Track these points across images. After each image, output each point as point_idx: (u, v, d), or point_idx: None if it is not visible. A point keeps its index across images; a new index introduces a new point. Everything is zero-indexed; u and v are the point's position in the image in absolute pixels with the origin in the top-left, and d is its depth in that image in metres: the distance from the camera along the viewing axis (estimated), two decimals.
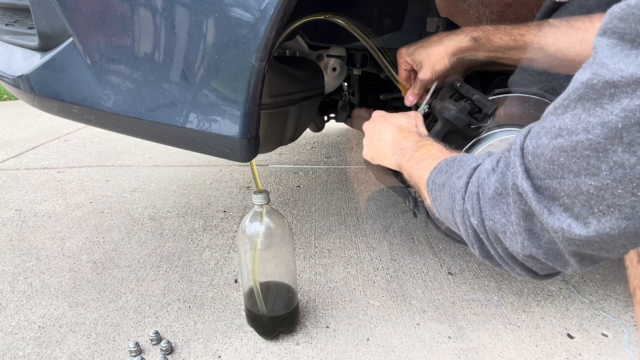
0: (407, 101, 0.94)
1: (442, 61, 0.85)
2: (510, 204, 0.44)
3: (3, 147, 2.70)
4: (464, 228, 0.52)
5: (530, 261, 0.46)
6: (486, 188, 0.48)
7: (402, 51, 0.91)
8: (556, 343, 1.02)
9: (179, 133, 0.82)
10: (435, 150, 0.70)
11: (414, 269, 1.32)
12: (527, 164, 0.42)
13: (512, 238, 0.45)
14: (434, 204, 0.61)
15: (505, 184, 0.45)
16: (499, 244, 0.47)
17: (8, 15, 1.04)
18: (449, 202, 0.55)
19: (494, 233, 0.47)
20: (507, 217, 0.45)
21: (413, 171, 0.70)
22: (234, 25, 0.71)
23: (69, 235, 1.56)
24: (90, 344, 1.04)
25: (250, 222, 0.97)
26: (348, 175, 2.12)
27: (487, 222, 0.47)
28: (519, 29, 0.80)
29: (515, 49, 0.81)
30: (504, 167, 0.46)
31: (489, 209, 0.47)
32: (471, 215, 0.50)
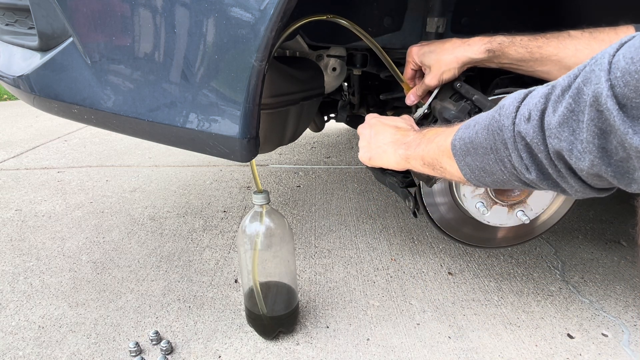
0: (408, 100, 0.93)
1: (452, 71, 0.84)
2: (584, 122, 0.42)
3: (3, 147, 2.70)
4: (516, 154, 0.51)
5: (593, 178, 0.45)
6: (552, 107, 0.46)
7: (413, 50, 0.90)
8: (556, 343, 1.02)
9: (179, 133, 0.82)
10: (444, 127, 0.69)
11: (414, 269, 1.32)
12: (614, 80, 0.40)
13: (579, 156, 0.44)
14: (465, 160, 0.60)
15: (581, 100, 0.43)
16: (562, 161, 0.47)
17: (8, 15, 1.04)
18: (489, 141, 0.54)
19: (557, 152, 0.46)
20: (576, 134, 0.44)
21: (427, 150, 0.69)
22: (234, 25, 0.71)
23: (69, 235, 1.56)
24: (90, 344, 1.04)
25: (250, 222, 0.97)
26: (348, 175, 2.12)
27: (550, 141, 0.46)
28: (536, 40, 0.78)
29: (532, 61, 0.79)
30: (580, 83, 0.43)
31: (556, 127, 0.45)
32: (528, 136, 0.48)
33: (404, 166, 0.78)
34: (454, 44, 0.84)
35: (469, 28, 0.99)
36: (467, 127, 0.60)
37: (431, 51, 0.86)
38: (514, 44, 0.79)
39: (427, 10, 0.96)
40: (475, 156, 0.58)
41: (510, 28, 0.82)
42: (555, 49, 0.77)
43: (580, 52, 0.75)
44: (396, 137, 0.80)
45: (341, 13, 0.89)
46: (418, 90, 0.91)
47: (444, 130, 0.67)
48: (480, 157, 0.57)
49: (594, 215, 1.65)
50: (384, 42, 1.00)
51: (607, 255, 1.38)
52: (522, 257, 1.38)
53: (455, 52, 0.82)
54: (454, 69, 0.83)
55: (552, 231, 1.46)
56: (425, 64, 0.87)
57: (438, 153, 0.66)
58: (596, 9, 0.97)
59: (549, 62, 0.78)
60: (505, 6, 1.00)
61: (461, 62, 0.82)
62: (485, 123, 0.56)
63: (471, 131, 0.58)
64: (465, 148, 0.59)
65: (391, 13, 0.98)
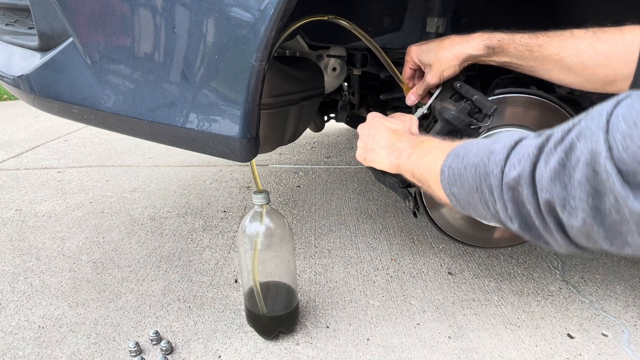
0: (408, 100, 0.93)
1: (452, 68, 0.83)
2: (576, 178, 0.41)
3: (3, 147, 2.70)
4: (501, 203, 0.50)
5: (582, 237, 0.44)
6: (544, 160, 0.45)
7: (412, 49, 0.89)
8: (556, 343, 1.02)
9: (179, 133, 0.82)
10: (436, 143, 0.68)
11: (414, 269, 1.32)
12: (613, 142, 0.38)
13: (571, 212, 0.42)
14: (451, 189, 0.59)
15: (574, 156, 0.41)
16: (552, 216, 0.45)
17: (8, 15, 1.04)
18: (475, 181, 0.54)
19: (548, 205, 0.45)
20: (568, 190, 0.42)
21: (417, 166, 0.69)
22: (234, 25, 0.71)
23: (69, 235, 1.56)
24: (90, 344, 1.04)
25: (250, 222, 0.97)
26: (348, 175, 2.12)
27: (542, 195, 0.45)
28: (537, 38, 0.76)
29: (532, 60, 0.78)
30: (574, 138, 0.42)
31: (548, 181, 0.44)
32: (516, 188, 0.47)
33: (396, 172, 0.78)
34: (452, 41, 0.83)
35: (469, 28, 0.98)
36: (457, 156, 0.59)
37: (430, 50, 0.85)
38: (513, 41, 0.78)
39: (427, 10, 0.95)
40: (462, 190, 0.57)
41: (512, 27, 0.81)
42: (556, 48, 0.75)
43: (582, 52, 0.73)
44: (390, 140, 0.80)
45: (341, 13, 0.89)
46: (419, 89, 0.90)
47: (436, 147, 0.66)
48: (466, 192, 0.56)
49: None
50: (384, 42, 1.00)
51: (607, 255, 1.38)
52: (522, 257, 1.38)
53: (454, 49, 0.82)
54: (455, 65, 0.82)
55: None
56: (425, 63, 0.87)
57: (427, 173, 0.65)
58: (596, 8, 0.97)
59: (549, 62, 0.76)
60: (506, 6, 1.00)
61: (461, 58, 0.81)
62: (474, 161, 0.55)
63: (460, 164, 0.57)
64: (453, 179, 0.58)
65: (391, 13, 0.98)
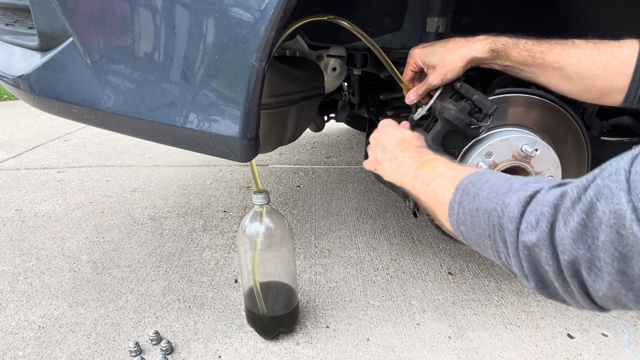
0: (407, 100, 0.93)
1: (456, 70, 0.82)
2: (601, 240, 0.39)
3: (3, 147, 2.70)
4: (516, 260, 0.48)
5: (608, 300, 0.42)
6: (562, 219, 0.42)
7: (415, 51, 0.89)
8: (556, 343, 1.02)
9: (179, 133, 0.82)
10: (442, 167, 0.66)
11: (414, 269, 1.32)
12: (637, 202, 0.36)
13: (597, 274, 0.40)
14: (459, 227, 0.57)
15: (595, 217, 0.39)
16: (576, 277, 0.43)
17: (8, 15, 1.04)
18: (488, 228, 0.51)
19: (573, 267, 0.42)
20: (593, 251, 0.40)
21: (423, 193, 0.66)
22: (234, 25, 0.71)
23: (69, 235, 1.56)
24: (90, 344, 1.04)
25: (250, 222, 0.97)
26: (348, 175, 2.12)
27: (564, 257, 0.42)
28: (540, 45, 0.77)
29: (534, 66, 0.78)
30: (593, 198, 0.40)
31: (570, 242, 0.41)
32: (535, 249, 0.45)
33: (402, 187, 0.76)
34: (457, 43, 0.83)
35: (469, 28, 0.98)
36: (467, 194, 0.56)
37: (434, 51, 0.85)
38: (517, 46, 0.78)
39: (427, 10, 0.95)
40: (472, 232, 0.55)
41: (511, 28, 0.81)
42: (557, 56, 0.76)
43: (582, 62, 0.74)
44: (395, 152, 0.78)
45: (341, 13, 0.89)
46: (419, 89, 0.90)
47: (442, 174, 0.64)
48: (476, 235, 0.54)
49: None
50: (384, 42, 0.99)
51: None
52: None
53: (459, 50, 0.82)
54: (459, 67, 0.82)
55: None
56: (429, 64, 0.86)
57: (434, 203, 0.63)
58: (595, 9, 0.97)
59: (550, 69, 0.77)
60: (506, 6, 1.00)
61: (465, 60, 0.81)
62: (486, 207, 0.52)
63: (471, 204, 0.55)
64: (462, 218, 0.56)
65: (391, 13, 0.98)
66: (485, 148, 0.90)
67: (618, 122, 1.13)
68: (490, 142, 0.90)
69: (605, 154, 1.17)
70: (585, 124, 1.06)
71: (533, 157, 0.90)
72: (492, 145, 0.90)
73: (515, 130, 0.94)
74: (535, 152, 0.89)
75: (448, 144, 0.85)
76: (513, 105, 0.94)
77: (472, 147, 0.92)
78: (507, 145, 0.90)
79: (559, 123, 0.97)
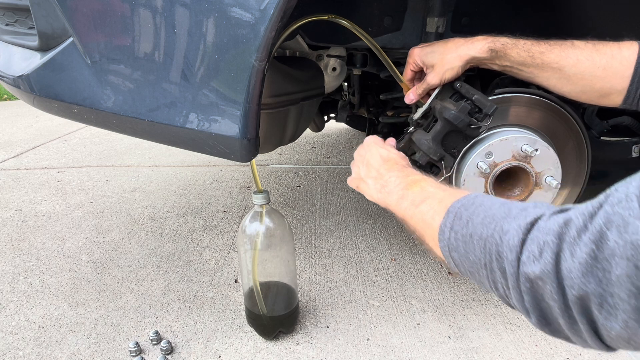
0: (407, 99, 0.93)
1: (455, 70, 0.82)
2: (615, 274, 0.36)
3: (3, 147, 2.70)
4: (517, 292, 0.44)
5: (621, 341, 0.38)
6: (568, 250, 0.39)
7: (414, 51, 0.89)
8: (556, 343, 1.02)
9: (179, 133, 0.82)
10: (431, 188, 0.63)
11: (414, 269, 1.32)
12: None
13: (610, 312, 0.37)
14: (451, 254, 0.53)
15: (607, 248, 0.36)
16: (584, 315, 0.39)
17: (8, 15, 1.04)
18: (484, 257, 0.48)
19: (581, 303, 0.39)
20: (604, 287, 0.36)
21: (410, 215, 0.63)
22: (234, 25, 0.71)
23: (69, 235, 1.56)
24: (90, 344, 1.04)
25: (250, 222, 0.97)
26: (348, 175, 2.11)
27: (572, 292, 0.39)
28: (539, 45, 0.77)
29: (533, 67, 0.78)
30: (603, 226, 0.37)
31: (579, 276, 0.38)
32: (538, 281, 0.41)
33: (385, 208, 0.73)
34: (456, 42, 0.83)
35: (469, 28, 0.98)
36: (459, 218, 0.53)
37: (434, 51, 0.85)
38: (516, 46, 0.78)
39: (427, 10, 0.95)
40: (465, 259, 0.51)
41: (512, 28, 0.82)
42: (557, 56, 0.76)
43: (581, 62, 0.74)
44: (380, 171, 0.76)
45: (341, 13, 0.89)
46: (418, 89, 0.90)
47: (431, 196, 0.61)
48: (470, 263, 0.50)
49: None
50: (384, 42, 0.99)
51: None
52: None
53: (458, 50, 0.82)
54: (457, 67, 0.82)
55: None
56: (428, 64, 0.86)
57: (423, 226, 0.60)
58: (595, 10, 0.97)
59: (549, 69, 0.77)
60: (506, 6, 1.00)
61: (464, 60, 0.81)
62: (481, 233, 0.48)
63: (464, 229, 0.51)
64: (455, 244, 0.52)
65: (391, 13, 0.98)
66: (485, 148, 0.90)
67: (618, 122, 1.13)
68: (490, 142, 0.90)
69: (605, 154, 1.17)
70: (585, 124, 1.06)
71: (533, 157, 0.90)
72: (492, 145, 0.90)
73: (515, 130, 0.94)
74: (535, 152, 0.89)
75: (448, 144, 0.85)
76: (513, 105, 0.94)
77: (472, 147, 0.92)
78: (507, 145, 0.90)
79: (558, 123, 0.98)
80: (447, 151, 0.84)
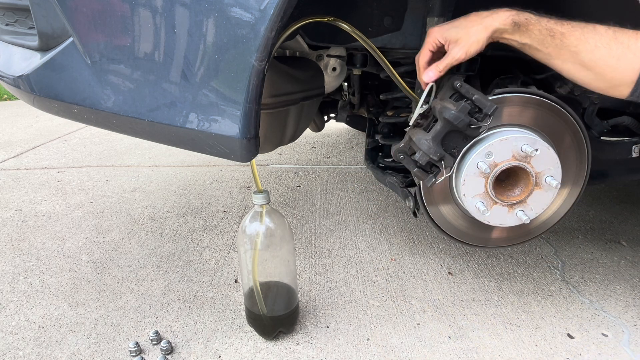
0: (426, 77, 0.86)
1: (480, 42, 0.80)
2: None
3: (3, 147, 2.70)
4: None
5: None
6: None
7: (434, 30, 0.86)
8: (556, 343, 1.02)
9: (179, 133, 0.82)
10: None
11: (414, 269, 1.32)
12: None
13: None
14: None
15: None
16: None
17: (8, 15, 1.04)
18: None
19: None
20: None
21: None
22: (234, 25, 0.71)
23: (69, 235, 1.56)
24: (90, 344, 1.04)
25: (250, 222, 0.97)
26: (348, 175, 2.12)
27: None
28: (561, 26, 0.75)
29: (552, 47, 0.76)
30: None
31: None
32: None
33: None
34: (480, 15, 0.81)
35: None
36: None
37: (456, 26, 0.83)
38: (539, 22, 0.76)
39: (427, 10, 0.95)
40: None
41: None
42: (577, 39, 0.74)
43: (598, 49, 0.73)
44: None
45: (341, 13, 0.89)
46: (439, 65, 0.85)
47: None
48: None
49: (594, 215, 1.65)
50: (384, 42, 0.99)
51: (607, 255, 1.38)
52: (522, 257, 1.38)
53: (483, 22, 0.79)
54: (483, 39, 0.80)
55: (552, 231, 1.46)
56: (451, 39, 0.83)
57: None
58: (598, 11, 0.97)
59: (567, 52, 0.76)
60: (506, 6, 1.00)
61: (490, 31, 0.79)
62: None
63: None
64: None
65: (391, 13, 0.98)
66: (485, 148, 0.90)
67: (618, 122, 1.13)
68: (490, 142, 0.90)
69: (605, 154, 1.17)
70: (585, 124, 1.06)
71: (533, 157, 0.90)
72: (492, 145, 0.90)
73: (515, 130, 0.94)
74: (535, 152, 0.89)
75: (448, 144, 0.85)
76: (513, 105, 0.94)
77: (472, 147, 0.92)
78: (507, 145, 0.90)
79: (558, 123, 0.97)
80: (447, 151, 0.84)
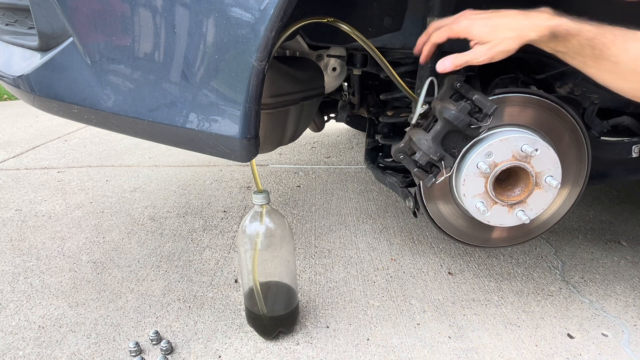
0: (442, 65, 0.80)
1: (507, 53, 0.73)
2: None
3: (3, 147, 2.70)
4: None
5: None
6: None
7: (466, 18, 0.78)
8: (556, 343, 1.02)
9: (179, 133, 0.82)
10: None
11: (414, 269, 1.32)
12: None
13: None
14: None
15: None
16: None
17: (8, 15, 1.04)
18: None
19: None
20: None
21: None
22: (234, 25, 0.71)
23: (69, 235, 1.56)
24: (90, 344, 1.04)
25: (250, 222, 0.97)
26: (348, 175, 2.12)
27: None
28: (603, 36, 0.70)
29: (589, 57, 0.71)
30: None
31: None
32: None
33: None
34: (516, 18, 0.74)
35: None
36: None
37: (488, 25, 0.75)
38: (580, 34, 0.70)
39: (427, 10, 0.95)
40: None
41: None
42: (618, 50, 0.69)
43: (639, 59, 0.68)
44: None
45: (341, 12, 0.89)
46: (458, 59, 0.77)
47: None
48: None
49: (594, 215, 1.65)
50: (384, 42, 0.99)
51: (607, 255, 1.38)
52: (522, 257, 1.38)
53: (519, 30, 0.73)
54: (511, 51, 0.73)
55: (552, 231, 1.46)
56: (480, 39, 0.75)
57: None
58: None
59: (606, 63, 0.71)
60: (506, 7, 1.00)
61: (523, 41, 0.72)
62: None
63: None
64: None
65: (391, 13, 0.98)
66: (485, 148, 0.90)
67: (618, 122, 1.13)
68: (490, 142, 0.90)
69: (605, 154, 1.17)
70: (585, 124, 1.06)
71: (533, 157, 0.91)
72: (492, 145, 0.90)
73: (515, 130, 0.94)
74: (535, 152, 0.89)
75: (448, 144, 0.85)
76: (513, 105, 0.94)
77: (472, 147, 0.92)
78: (507, 145, 0.90)
79: (558, 123, 0.98)
80: (447, 151, 0.84)
